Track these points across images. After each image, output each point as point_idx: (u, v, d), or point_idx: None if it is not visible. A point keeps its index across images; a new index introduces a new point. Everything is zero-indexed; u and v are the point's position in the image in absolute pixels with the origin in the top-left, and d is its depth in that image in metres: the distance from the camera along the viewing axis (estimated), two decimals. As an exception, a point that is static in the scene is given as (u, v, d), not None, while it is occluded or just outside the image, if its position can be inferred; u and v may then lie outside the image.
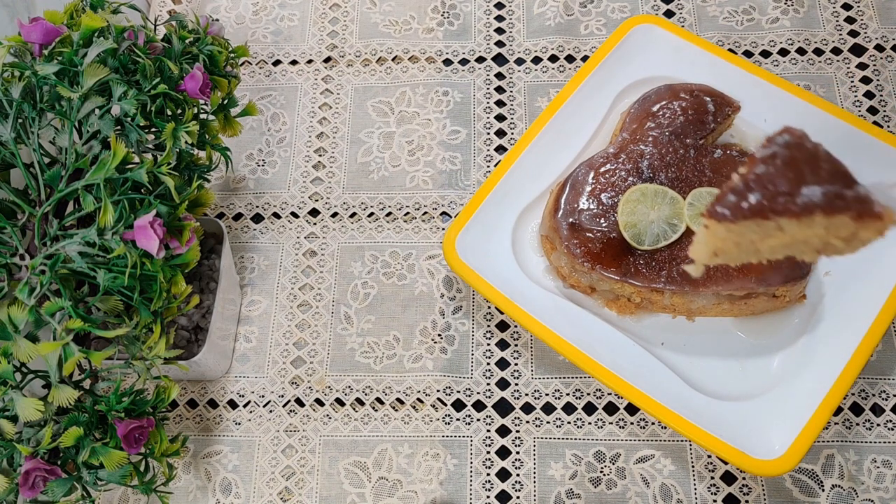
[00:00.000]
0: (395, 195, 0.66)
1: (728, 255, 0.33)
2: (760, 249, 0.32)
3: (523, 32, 0.73)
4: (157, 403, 0.46)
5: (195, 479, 0.56)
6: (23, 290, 0.41)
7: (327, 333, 0.61)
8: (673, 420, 0.51)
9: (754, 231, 0.31)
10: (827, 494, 0.53)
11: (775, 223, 0.31)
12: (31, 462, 0.41)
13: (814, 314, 0.56)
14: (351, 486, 0.56)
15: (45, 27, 0.46)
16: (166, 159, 0.46)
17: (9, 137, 0.44)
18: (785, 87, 0.61)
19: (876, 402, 0.56)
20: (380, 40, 0.73)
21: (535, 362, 0.59)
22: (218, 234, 0.59)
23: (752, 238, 0.32)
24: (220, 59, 0.53)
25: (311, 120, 0.70)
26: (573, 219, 0.56)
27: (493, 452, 0.56)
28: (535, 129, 0.61)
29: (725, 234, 0.32)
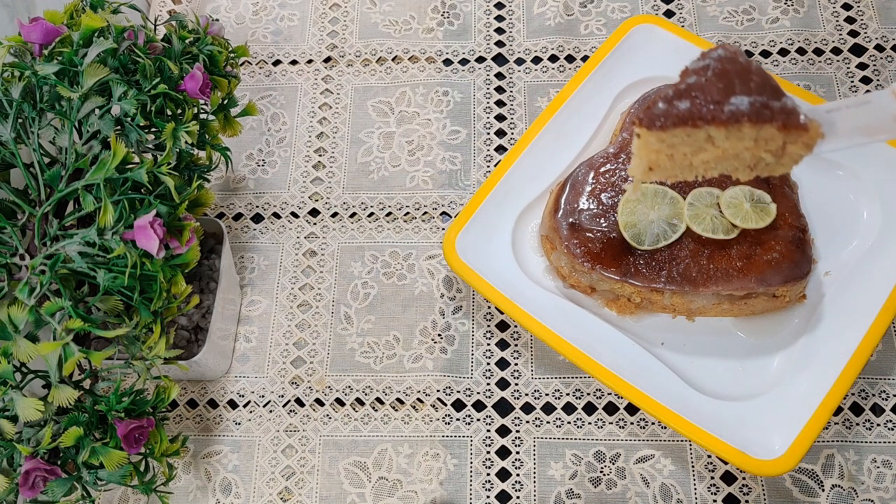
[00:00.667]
0: (395, 195, 0.66)
1: (663, 169, 0.34)
2: (694, 164, 0.33)
3: (523, 32, 0.73)
4: (157, 403, 0.46)
5: (195, 479, 0.56)
6: (23, 290, 0.41)
7: (327, 333, 0.61)
8: (673, 420, 0.51)
9: (685, 142, 0.32)
10: (827, 494, 0.53)
11: (705, 133, 0.31)
12: (31, 462, 0.41)
13: (814, 314, 0.56)
14: (351, 486, 0.56)
15: (45, 27, 0.46)
16: (166, 159, 0.46)
17: (9, 137, 0.44)
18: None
19: (876, 402, 0.56)
20: (380, 40, 0.73)
21: (535, 362, 0.59)
22: (218, 234, 0.59)
23: (684, 151, 0.32)
24: (220, 59, 0.53)
25: (311, 120, 0.70)
26: (573, 219, 0.56)
27: (493, 452, 0.56)
28: (535, 129, 0.61)
29: (657, 145, 0.32)
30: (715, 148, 0.32)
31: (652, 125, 0.32)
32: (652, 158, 0.33)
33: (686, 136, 0.32)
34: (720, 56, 0.32)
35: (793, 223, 0.54)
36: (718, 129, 0.31)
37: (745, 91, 0.31)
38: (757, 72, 0.31)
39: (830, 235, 0.58)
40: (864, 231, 0.58)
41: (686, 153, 0.33)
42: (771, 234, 0.54)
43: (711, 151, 0.32)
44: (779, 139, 0.31)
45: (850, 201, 0.59)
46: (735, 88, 0.31)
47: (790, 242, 0.54)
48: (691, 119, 0.31)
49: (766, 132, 0.31)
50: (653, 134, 0.32)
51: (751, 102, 0.31)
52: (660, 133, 0.32)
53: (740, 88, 0.31)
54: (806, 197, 0.59)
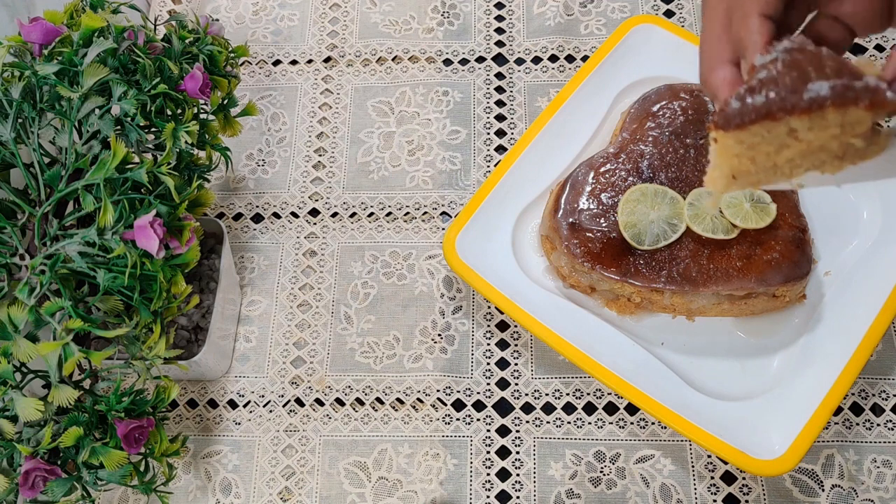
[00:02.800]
0: (395, 195, 0.66)
1: (746, 175, 0.31)
2: (778, 164, 0.31)
3: (523, 32, 0.73)
4: (157, 403, 0.46)
5: (195, 479, 0.56)
6: (23, 290, 0.41)
7: (327, 333, 0.61)
8: (673, 420, 0.51)
9: (766, 139, 0.30)
10: (827, 494, 0.53)
11: (786, 126, 0.29)
12: (31, 462, 0.41)
13: (814, 314, 0.56)
14: (351, 486, 0.56)
15: (45, 27, 0.46)
16: (166, 159, 0.46)
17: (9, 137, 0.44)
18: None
19: (876, 402, 0.56)
20: (380, 40, 0.73)
21: (535, 362, 0.59)
22: (218, 234, 0.59)
23: (766, 150, 0.30)
24: (220, 59, 0.53)
25: (311, 120, 0.70)
26: (573, 219, 0.56)
27: (493, 452, 0.56)
28: (535, 129, 0.61)
29: (737, 148, 0.30)
30: (799, 142, 0.30)
31: (728, 125, 0.30)
32: (734, 164, 0.31)
33: (766, 133, 0.30)
34: (787, 48, 0.30)
35: (793, 223, 0.54)
36: (801, 119, 0.29)
37: (822, 76, 0.29)
38: (829, 56, 0.30)
39: (830, 235, 0.58)
40: (864, 231, 0.58)
41: (769, 152, 0.30)
42: (771, 234, 0.54)
43: (795, 146, 0.30)
44: (867, 120, 0.29)
45: (850, 201, 0.59)
46: (811, 75, 0.29)
47: (790, 242, 0.54)
48: (770, 111, 0.29)
49: (853, 115, 0.29)
50: (731, 135, 0.30)
51: (831, 86, 0.29)
52: (738, 133, 0.30)
53: (816, 74, 0.29)
54: (806, 197, 0.59)
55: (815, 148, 0.30)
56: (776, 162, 0.31)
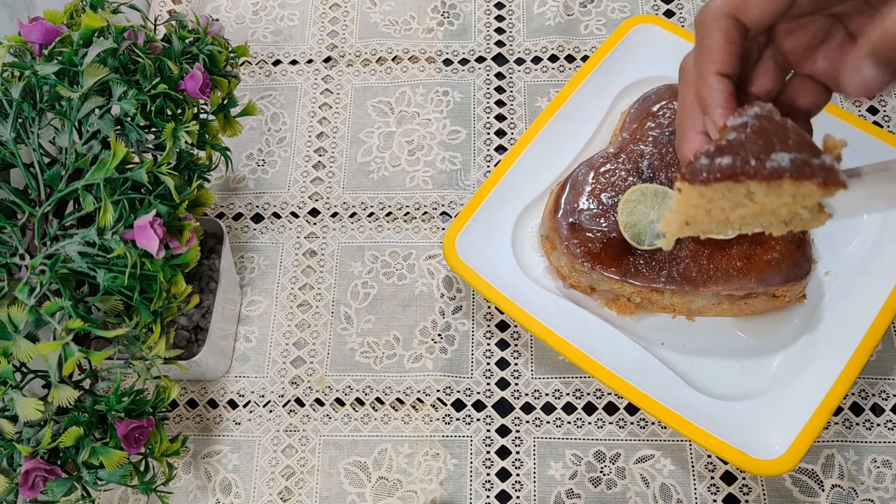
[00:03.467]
0: (395, 195, 0.66)
1: (699, 224, 0.34)
2: (731, 219, 0.33)
3: (523, 32, 0.73)
4: (157, 403, 0.46)
5: (195, 479, 0.56)
6: (23, 290, 0.41)
7: (327, 333, 0.61)
8: (673, 420, 0.51)
9: (725, 197, 0.32)
10: (827, 494, 0.53)
11: (745, 189, 0.31)
12: (31, 462, 0.41)
13: (814, 314, 0.56)
14: (351, 486, 0.56)
15: (45, 27, 0.46)
16: (166, 159, 0.46)
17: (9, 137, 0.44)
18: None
19: (876, 402, 0.56)
20: (380, 40, 0.73)
21: (535, 362, 0.59)
22: (218, 234, 0.59)
23: (722, 206, 0.32)
24: (220, 58, 0.53)
25: (311, 120, 0.70)
26: (573, 219, 0.56)
27: (493, 452, 0.56)
28: (535, 129, 0.61)
29: (698, 200, 0.32)
30: (753, 204, 0.32)
31: (695, 179, 0.32)
32: (690, 213, 0.33)
33: (727, 192, 0.32)
34: (757, 114, 0.32)
35: (793, 223, 0.54)
36: (760, 185, 0.31)
37: (785, 148, 0.31)
38: (794, 129, 0.32)
39: (830, 235, 0.58)
40: (864, 231, 0.58)
41: (724, 208, 0.33)
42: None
43: (749, 207, 0.32)
44: (817, 195, 0.32)
45: (850, 201, 0.59)
46: (775, 145, 0.31)
47: (790, 242, 0.54)
48: (734, 174, 0.31)
49: (806, 188, 0.31)
50: (695, 189, 0.32)
51: (792, 159, 0.31)
52: (701, 188, 0.32)
53: (780, 146, 0.31)
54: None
55: (766, 211, 0.32)
56: (729, 217, 0.33)
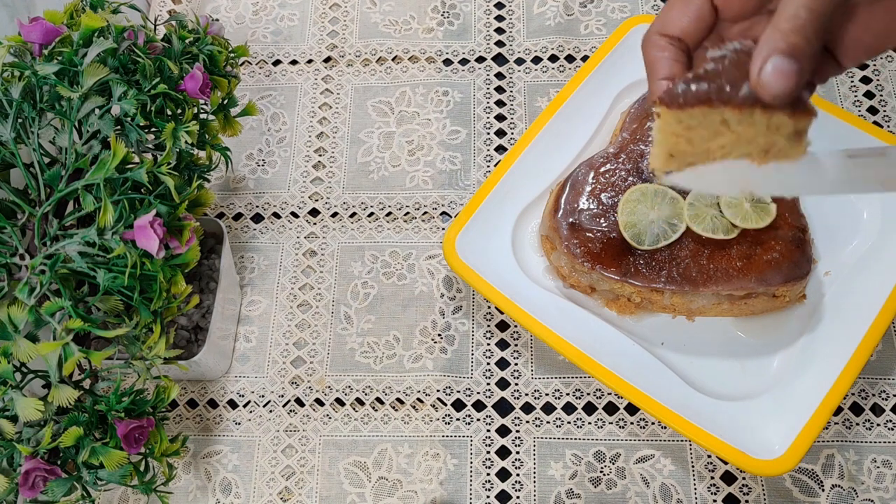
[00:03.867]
0: (395, 195, 0.66)
1: (683, 154, 0.35)
2: (711, 149, 0.35)
3: (523, 32, 0.73)
4: (157, 403, 0.46)
5: (195, 479, 0.56)
6: (23, 290, 0.41)
7: (327, 333, 0.61)
8: (673, 420, 0.51)
9: (702, 124, 0.34)
10: (827, 494, 0.53)
11: (720, 115, 0.33)
12: (31, 462, 0.41)
13: (814, 314, 0.56)
14: (351, 486, 0.56)
15: (45, 27, 0.46)
16: (166, 159, 0.46)
17: (9, 137, 0.44)
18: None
19: (876, 402, 0.56)
20: (380, 40, 0.73)
21: (535, 362, 0.59)
22: (218, 234, 0.59)
23: (701, 134, 0.34)
24: (220, 59, 0.53)
25: (311, 120, 0.70)
26: (573, 219, 0.56)
27: (493, 452, 0.56)
28: (535, 129, 0.61)
29: (677, 127, 0.34)
30: (730, 132, 0.34)
31: (672, 103, 0.33)
32: (672, 143, 0.35)
33: (703, 118, 0.34)
34: (736, 49, 0.34)
35: (793, 223, 0.54)
36: (733, 112, 0.33)
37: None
38: None
39: (830, 235, 0.58)
40: (864, 231, 0.58)
41: (704, 136, 0.34)
42: (771, 234, 0.54)
43: (727, 136, 0.34)
44: (789, 126, 0.33)
45: (850, 201, 0.59)
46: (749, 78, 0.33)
47: (790, 242, 0.54)
48: (708, 99, 0.33)
49: (777, 119, 0.33)
50: (672, 113, 0.34)
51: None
52: (678, 112, 0.34)
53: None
54: (806, 197, 0.59)
55: (744, 140, 0.34)
56: (709, 146, 0.34)
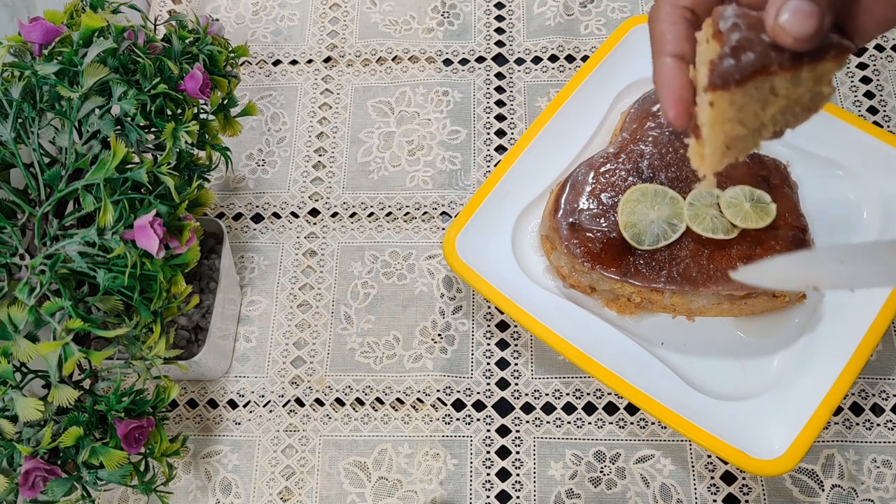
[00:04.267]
0: (395, 195, 0.66)
1: (738, 141, 0.32)
2: (765, 122, 0.32)
3: (523, 32, 0.73)
4: (157, 403, 0.46)
5: (195, 479, 0.56)
6: (23, 290, 0.41)
7: (327, 333, 0.61)
8: (673, 420, 0.51)
9: (755, 98, 0.31)
10: (827, 494, 0.53)
11: (769, 83, 0.31)
12: (31, 462, 0.41)
13: (814, 314, 0.56)
14: (351, 486, 0.56)
15: (45, 27, 0.46)
16: (166, 159, 0.46)
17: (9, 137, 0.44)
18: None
19: (876, 402, 0.56)
20: (380, 40, 0.73)
21: (535, 362, 0.59)
22: (218, 234, 0.59)
23: (754, 109, 0.31)
24: (220, 59, 0.53)
25: (311, 120, 0.70)
26: (573, 219, 0.56)
27: (493, 452, 0.56)
28: (535, 129, 0.61)
29: (730, 112, 0.31)
30: (779, 98, 0.31)
31: (728, 82, 0.30)
32: (727, 131, 0.32)
33: (755, 90, 0.31)
34: (736, 13, 0.31)
35: (793, 223, 0.54)
36: (783, 76, 0.30)
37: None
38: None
39: (830, 235, 0.58)
40: (864, 231, 0.58)
41: (755, 112, 0.31)
42: (771, 234, 0.54)
43: (776, 103, 0.31)
44: (832, 70, 0.31)
45: (850, 201, 0.59)
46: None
47: (790, 242, 0.54)
48: (764, 65, 0.30)
49: (822, 68, 0.31)
50: (728, 96, 0.30)
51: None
52: (734, 92, 0.30)
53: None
54: (806, 197, 0.59)
55: (792, 101, 0.32)
56: (763, 120, 0.32)
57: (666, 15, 0.34)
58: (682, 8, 0.34)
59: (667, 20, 0.34)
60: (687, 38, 0.33)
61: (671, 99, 0.34)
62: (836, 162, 0.60)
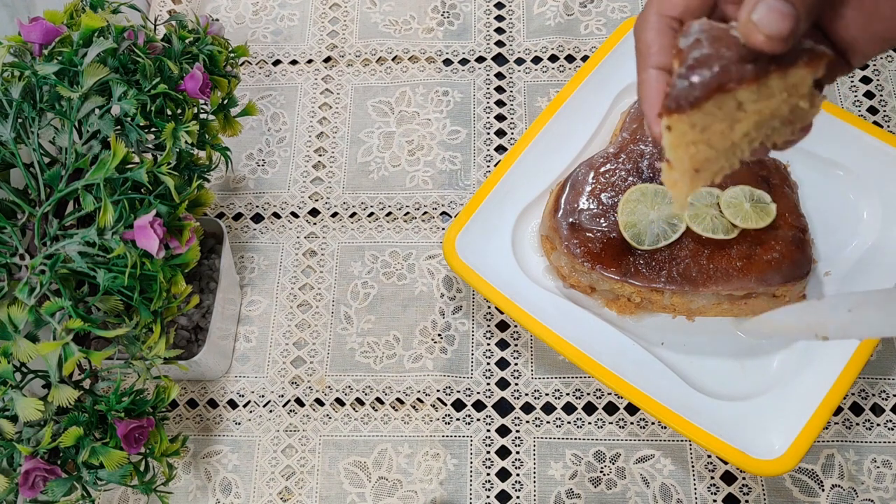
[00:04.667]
0: (395, 195, 0.66)
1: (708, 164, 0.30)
2: (736, 142, 0.30)
3: (523, 32, 0.73)
4: (157, 403, 0.46)
5: (195, 479, 0.56)
6: (23, 290, 0.41)
7: (327, 333, 0.61)
8: (673, 420, 0.51)
9: (717, 117, 0.29)
10: (827, 494, 0.53)
11: (734, 100, 0.29)
12: (31, 462, 0.41)
13: (814, 314, 0.56)
14: (351, 486, 0.56)
15: (45, 27, 0.46)
16: (166, 159, 0.46)
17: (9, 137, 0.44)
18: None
19: (876, 402, 0.56)
20: (380, 40, 0.73)
21: (535, 362, 0.59)
22: (218, 234, 0.59)
23: (720, 129, 0.29)
24: (220, 58, 0.53)
25: (311, 120, 0.70)
26: (573, 219, 0.56)
27: (493, 452, 0.56)
28: (535, 128, 0.61)
29: (692, 134, 0.29)
30: (748, 114, 0.29)
31: (683, 105, 0.28)
32: (693, 154, 0.30)
33: (718, 110, 0.29)
34: (701, 28, 0.30)
35: (793, 223, 0.54)
36: (749, 89, 0.28)
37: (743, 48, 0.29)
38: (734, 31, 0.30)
39: (830, 235, 0.58)
40: (864, 231, 0.58)
41: (723, 130, 0.29)
42: (771, 234, 0.54)
43: (747, 119, 0.29)
44: (808, 78, 0.29)
45: (850, 201, 0.59)
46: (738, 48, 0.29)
47: (790, 242, 0.54)
48: (721, 83, 0.28)
49: (794, 76, 0.29)
50: (684, 118, 0.29)
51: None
52: (691, 115, 0.29)
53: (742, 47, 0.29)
54: (806, 197, 0.59)
55: (766, 115, 0.30)
56: (733, 140, 0.30)
57: (652, 25, 0.33)
58: (670, 18, 0.33)
59: (653, 30, 0.33)
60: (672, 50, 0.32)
61: (653, 114, 0.32)
62: (836, 162, 0.60)
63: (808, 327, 0.34)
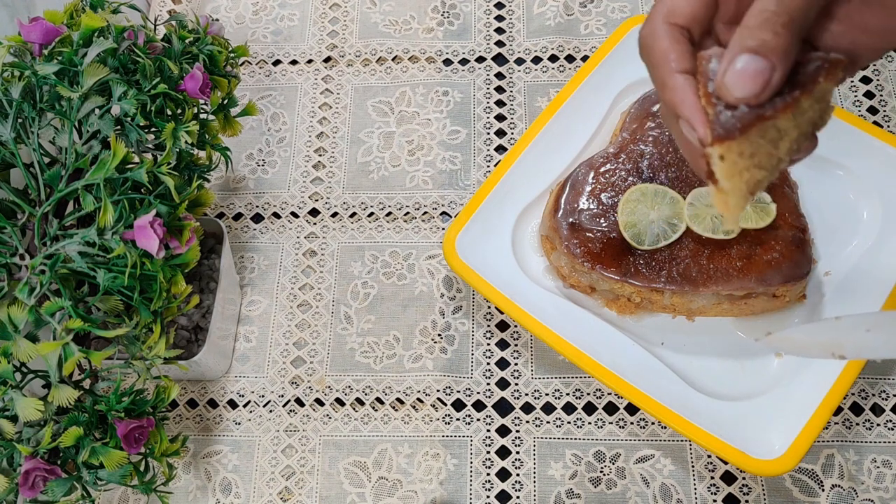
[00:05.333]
0: (395, 195, 0.66)
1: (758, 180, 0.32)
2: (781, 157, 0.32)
3: (523, 32, 0.73)
4: (157, 403, 0.46)
5: (195, 479, 0.56)
6: (23, 290, 0.41)
7: (327, 333, 0.61)
8: (673, 420, 0.51)
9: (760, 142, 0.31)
10: (827, 494, 0.53)
11: (773, 125, 0.30)
12: (31, 462, 0.41)
13: (814, 314, 0.56)
14: (351, 486, 0.56)
15: (45, 27, 0.46)
16: (166, 159, 0.46)
17: (9, 137, 0.44)
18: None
19: (876, 402, 0.56)
20: (380, 40, 0.73)
21: (535, 362, 0.59)
22: (218, 234, 0.59)
23: (766, 151, 0.31)
24: (220, 58, 0.53)
25: (311, 120, 0.70)
26: (573, 219, 0.56)
27: (493, 452, 0.56)
28: (535, 129, 0.61)
29: (742, 162, 0.31)
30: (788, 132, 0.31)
31: (731, 133, 0.30)
32: (746, 179, 0.31)
33: (762, 135, 0.30)
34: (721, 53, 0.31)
35: (793, 223, 0.54)
36: (784, 115, 0.30)
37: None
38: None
39: (830, 235, 0.58)
40: (864, 231, 0.58)
41: (769, 151, 0.31)
42: (771, 234, 0.54)
43: (787, 136, 0.31)
44: (830, 88, 0.31)
45: (850, 201, 0.59)
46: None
47: (790, 242, 0.54)
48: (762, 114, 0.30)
49: (818, 91, 0.30)
50: (735, 145, 0.30)
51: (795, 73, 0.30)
52: (741, 142, 0.30)
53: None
54: (806, 197, 0.59)
55: (803, 129, 0.31)
56: (779, 157, 0.32)
57: (664, 33, 0.33)
58: (679, 27, 0.33)
59: (666, 38, 0.33)
60: (691, 55, 0.33)
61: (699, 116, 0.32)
62: (836, 162, 0.60)
63: (826, 346, 0.34)
